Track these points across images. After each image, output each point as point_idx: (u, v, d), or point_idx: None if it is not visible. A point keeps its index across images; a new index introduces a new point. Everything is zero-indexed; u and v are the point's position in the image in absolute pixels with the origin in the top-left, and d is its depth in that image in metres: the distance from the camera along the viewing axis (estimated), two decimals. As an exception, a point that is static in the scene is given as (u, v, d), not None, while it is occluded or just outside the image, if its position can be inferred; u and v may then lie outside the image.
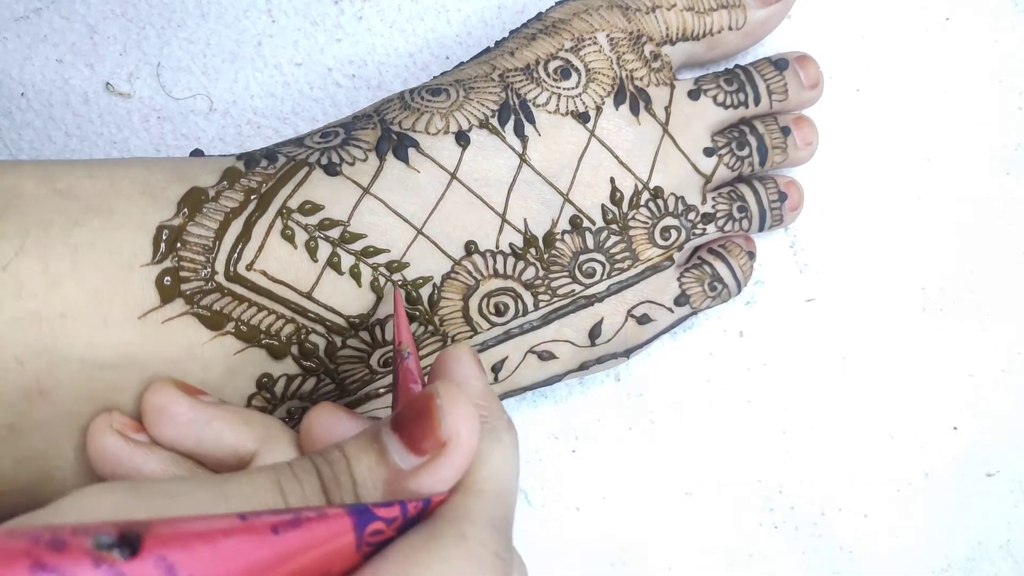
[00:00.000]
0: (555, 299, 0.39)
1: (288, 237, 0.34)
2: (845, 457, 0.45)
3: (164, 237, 0.32)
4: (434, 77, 0.40)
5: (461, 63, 0.41)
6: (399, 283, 0.36)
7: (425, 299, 0.36)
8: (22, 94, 0.44)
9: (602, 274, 0.39)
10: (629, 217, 0.39)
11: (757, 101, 0.42)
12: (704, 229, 0.41)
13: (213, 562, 0.20)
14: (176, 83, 0.44)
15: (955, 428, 0.45)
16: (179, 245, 0.32)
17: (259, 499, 0.24)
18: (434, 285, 0.36)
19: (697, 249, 0.43)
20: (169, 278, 0.32)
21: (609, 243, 0.39)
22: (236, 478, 0.25)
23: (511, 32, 0.41)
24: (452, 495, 0.26)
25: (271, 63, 0.44)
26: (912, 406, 0.45)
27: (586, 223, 0.38)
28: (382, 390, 0.38)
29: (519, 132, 0.37)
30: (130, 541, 0.18)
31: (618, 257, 0.39)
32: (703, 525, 0.45)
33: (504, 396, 0.40)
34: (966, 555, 0.45)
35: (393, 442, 0.25)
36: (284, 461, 0.26)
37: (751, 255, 0.43)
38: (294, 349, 0.34)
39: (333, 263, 0.34)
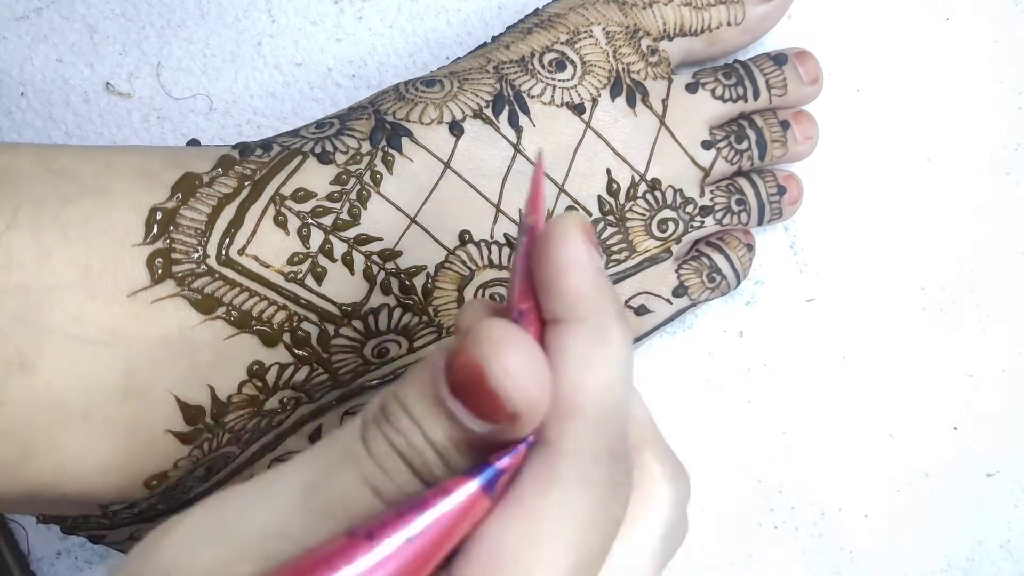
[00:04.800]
0: None
1: (281, 223, 0.34)
2: (845, 457, 0.45)
3: (157, 219, 0.32)
4: (430, 72, 0.40)
5: (457, 58, 0.41)
6: (392, 271, 0.36)
7: (419, 289, 0.36)
8: (22, 94, 0.44)
9: None
10: (626, 209, 0.39)
11: (756, 95, 0.41)
12: (702, 222, 0.41)
13: None
14: (176, 83, 0.44)
15: (955, 428, 0.45)
16: (171, 227, 0.32)
17: (356, 507, 0.22)
18: (428, 275, 0.36)
19: (696, 243, 0.43)
20: (160, 259, 0.32)
21: (605, 234, 0.39)
22: (318, 490, 0.22)
23: (507, 28, 0.41)
24: (555, 422, 0.22)
25: (271, 63, 0.45)
26: (912, 406, 0.45)
27: (582, 214, 0.38)
28: (375, 381, 0.37)
29: (513, 122, 0.37)
30: None
31: (614, 248, 0.39)
32: (703, 525, 0.45)
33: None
34: (966, 555, 0.45)
35: (459, 408, 0.21)
36: (353, 443, 0.22)
37: (749, 247, 0.43)
38: (286, 337, 0.34)
39: (326, 250, 0.34)
